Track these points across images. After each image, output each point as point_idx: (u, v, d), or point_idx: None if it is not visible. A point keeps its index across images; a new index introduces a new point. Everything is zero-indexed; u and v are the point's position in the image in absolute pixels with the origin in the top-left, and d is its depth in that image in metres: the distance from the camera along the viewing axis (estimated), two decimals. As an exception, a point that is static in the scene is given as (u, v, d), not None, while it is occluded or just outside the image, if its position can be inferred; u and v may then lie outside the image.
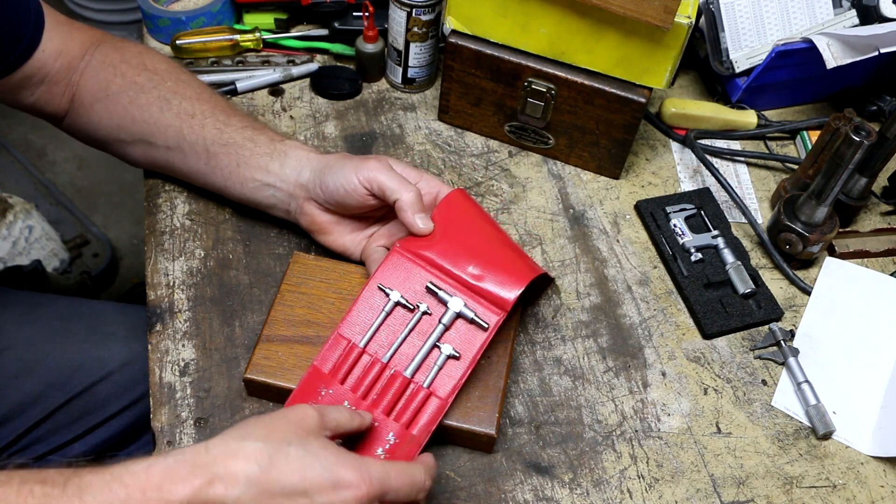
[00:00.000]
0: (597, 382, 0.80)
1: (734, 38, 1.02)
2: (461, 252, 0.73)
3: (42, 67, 0.79)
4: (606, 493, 0.73)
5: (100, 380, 0.93)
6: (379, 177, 0.73)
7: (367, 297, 0.73)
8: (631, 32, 0.83)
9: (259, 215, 0.84)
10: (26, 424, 0.90)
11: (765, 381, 0.82)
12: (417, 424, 0.69)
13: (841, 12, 1.03)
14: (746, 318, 0.85)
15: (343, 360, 0.71)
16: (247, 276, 0.83)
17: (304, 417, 0.58)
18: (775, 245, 0.90)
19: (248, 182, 0.79)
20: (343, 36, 1.05)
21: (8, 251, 1.67)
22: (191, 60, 1.02)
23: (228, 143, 0.79)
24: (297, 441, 0.56)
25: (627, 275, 0.89)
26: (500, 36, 0.89)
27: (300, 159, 0.78)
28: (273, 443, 0.56)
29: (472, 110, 0.97)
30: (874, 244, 0.94)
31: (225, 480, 0.53)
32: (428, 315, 0.73)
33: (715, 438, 0.78)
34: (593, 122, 0.92)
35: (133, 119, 0.81)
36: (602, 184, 0.97)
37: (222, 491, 0.53)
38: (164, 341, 0.77)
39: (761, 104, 1.06)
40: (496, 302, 0.72)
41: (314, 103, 1.00)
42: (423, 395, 0.70)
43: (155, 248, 0.84)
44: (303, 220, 0.80)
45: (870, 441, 0.79)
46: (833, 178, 0.83)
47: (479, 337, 0.72)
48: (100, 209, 2.01)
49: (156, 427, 0.72)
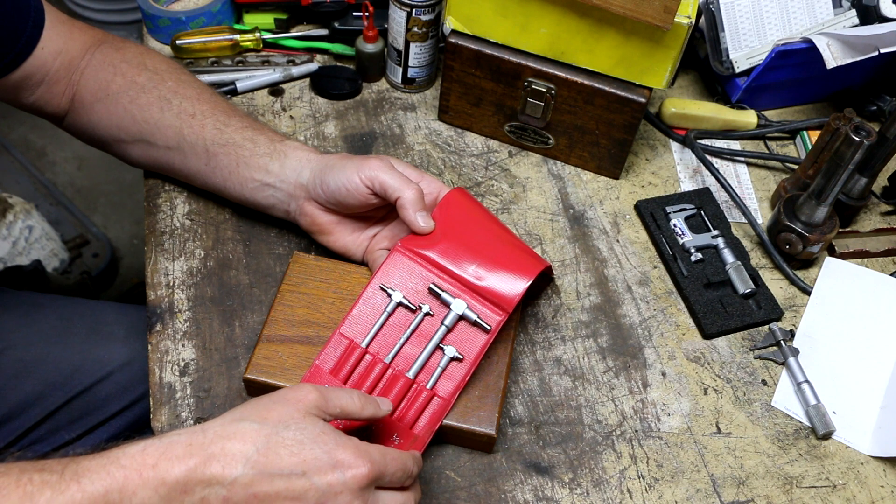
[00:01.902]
0: (597, 382, 0.80)
1: (734, 38, 1.02)
2: (462, 251, 0.73)
3: (42, 66, 0.79)
4: (606, 493, 0.73)
5: (100, 380, 0.93)
6: (381, 175, 0.73)
7: (369, 297, 0.74)
8: (631, 32, 0.83)
9: (259, 215, 0.84)
10: (26, 424, 0.90)
11: (765, 381, 0.82)
12: (420, 424, 0.69)
13: (841, 12, 1.03)
14: (746, 318, 0.85)
15: (345, 359, 0.71)
16: (247, 276, 0.83)
17: (302, 398, 0.57)
18: (775, 245, 0.90)
19: (247, 182, 0.79)
20: (343, 36, 1.05)
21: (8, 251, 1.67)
22: (191, 60, 1.02)
23: (228, 143, 0.79)
24: (295, 424, 0.56)
25: (627, 275, 0.89)
26: (500, 36, 0.89)
27: (300, 160, 0.78)
28: (270, 424, 0.55)
29: (472, 110, 0.97)
30: (874, 244, 0.94)
31: (222, 460, 0.53)
32: (430, 316, 0.73)
33: (715, 438, 0.78)
34: (593, 122, 0.92)
35: (133, 119, 0.81)
36: (602, 184, 0.97)
37: (219, 470, 0.53)
38: (164, 341, 0.77)
39: (761, 104, 1.06)
40: (498, 302, 0.72)
41: (314, 103, 1.00)
42: (425, 396, 0.70)
43: (155, 248, 0.84)
44: (303, 221, 0.80)
45: (870, 441, 0.79)
46: (833, 178, 0.83)
47: (481, 338, 0.72)
48: (100, 209, 2.01)
49: (156, 427, 0.72)
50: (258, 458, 0.54)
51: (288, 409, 0.57)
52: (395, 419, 0.69)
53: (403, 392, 0.70)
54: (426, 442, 0.68)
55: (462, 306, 0.72)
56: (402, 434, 0.68)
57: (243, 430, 0.55)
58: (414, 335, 0.72)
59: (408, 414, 0.69)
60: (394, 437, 0.68)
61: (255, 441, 0.54)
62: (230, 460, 0.53)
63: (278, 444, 0.55)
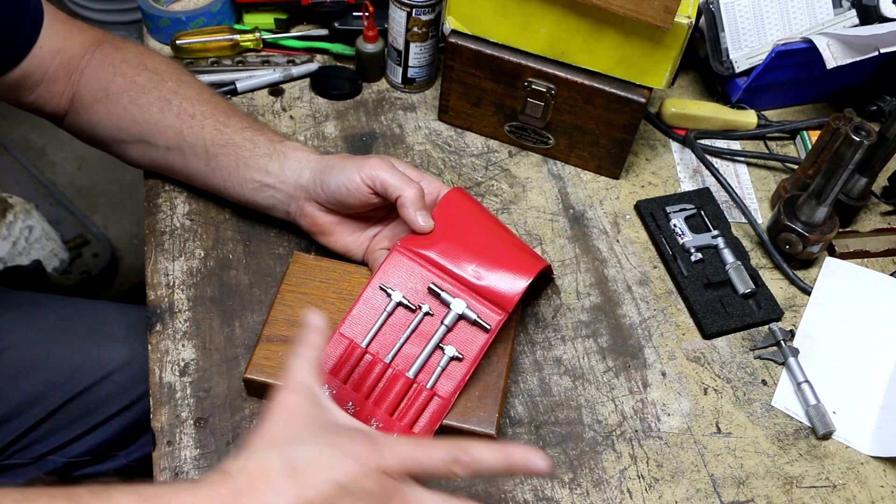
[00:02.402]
0: (597, 382, 0.80)
1: (734, 38, 1.02)
2: (462, 251, 0.73)
3: (41, 65, 0.79)
4: (606, 493, 0.73)
5: (100, 380, 0.93)
6: (381, 174, 0.73)
7: (369, 297, 0.74)
8: (631, 32, 0.83)
9: (259, 215, 0.84)
10: (26, 424, 0.90)
11: (765, 381, 0.82)
12: (420, 424, 0.69)
13: (841, 12, 1.03)
14: (746, 318, 0.85)
15: (345, 359, 0.71)
16: (247, 276, 0.83)
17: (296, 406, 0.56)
18: (775, 245, 0.90)
19: (247, 183, 0.79)
20: (343, 36, 1.05)
21: (8, 251, 1.67)
22: (191, 60, 1.02)
23: (228, 143, 0.79)
24: (309, 437, 0.54)
25: (627, 275, 0.89)
26: (500, 36, 0.89)
27: (300, 160, 0.78)
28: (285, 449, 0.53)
29: (472, 110, 0.97)
30: (874, 244, 0.94)
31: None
32: (430, 316, 0.73)
33: (715, 438, 0.78)
34: (593, 122, 0.92)
35: (133, 119, 0.81)
36: (602, 184, 0.97)
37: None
38: (164, 341, 0.77)
39: (761, 104, 1.06)
40: (498, 301, 0.72)
41: (314, 103, 1.00)
42: (425, 396, 0.70)
43: (155, 248, 0.84)
44: (303, 222, 0.80)
45: (870, 441, 0.79)
46: (833, 178, 0.83)
47: (481, 337, 0.72)
48: (100, 209, 2.01)
49: (156, 427, 0.72)
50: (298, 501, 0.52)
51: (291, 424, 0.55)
52: (395, 419, 0.69)
53: (403, 392, 0.70)
54: None
55: (462, 305, 0.72)
56: (403, 433, 0.68)
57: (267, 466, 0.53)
58: (414, 335, 0.72)
59: (408, 413, 0.69)
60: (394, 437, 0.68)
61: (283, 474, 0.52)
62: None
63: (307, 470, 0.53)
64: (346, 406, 0.69)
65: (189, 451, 0.71)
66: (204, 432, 0.72)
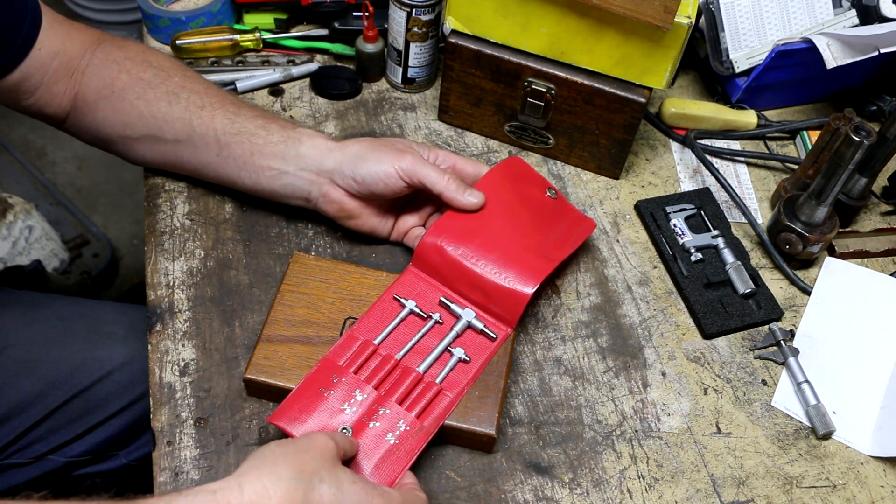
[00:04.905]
0: (597, 382, 0.80)
1: (734, 38, 1.02)
2: (482, 247, 0.78)
3: (40, 67, 0.78)
4: (606, 493, 0.73)
5: (100, 379, 0.93)
6: (419, 171, 0.77)
7: (382, 306, 0.77)
8: (631, 32, 0.83)
9: (259, 215, 0.84)
10: (26, 424, 0.90)
11: (765, 381, 0.82)
12: (429, 416, 0.71)
13: (841, 12, 1.03)
14: (746, 318, 0.85)
15: (357, 355, 0.73)
16: (247, 276, 0.83)
17: (326, 448, 0.59)
18: (775, 245, 0.90)
19: (263, 171, 0.79)
20: (343, 36, 1.05)
21: (8, 251, 1.67)
22: (191, 60, 1.02)
23: (241, 132, 0.79)
24: (328, 475, 0.57)
25: (627, 275, 0.89)
26: (500, 36, 0.89)
27: (317, 147, 0.79)
28: (305, 480, 0.56)
29: (472, 110, 0.97)
30: (874, 244, 0.94)
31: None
32: (440, 324, 0.76)
33: (715, 438, 0.78)
34: (593, 122, 0.92)
35: (140, 115, 0.80)
36: (602, 184, 0.97)
37: None
38: (164, 341, 0.77)
39: (761, 104, 1.06)
40: (504, 317, 0.77)
41: (314, 103, 1.00)
42: (434, 390, 0.72)
43: (155, 248, 0.84)
44: (329, 208, 0.81)
45: (870, 441, 0.79)
46: (833, 178, 0.83)
47: (487, 345, 0.76)
48: (100, 209, 2.01)
49: (156, 427, 0.72)
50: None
51: (316, 459, 0.58)
52: (405, 409, 0.70)
53: (413, 385, 0.72)
54: (431, 433, 0.69)
55: (471, 315, 0.77)
56: (411, 423, 0.69)
57: (281, 489, 0.55)
58: (424, 338, 0.76)
59: (416, 407, 0.71)
60: (400, 424, 0.68)
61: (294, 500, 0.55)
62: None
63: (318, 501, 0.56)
64: (353, 394, 0.70)
65: (189, 451, 0.71)
66: (204, 432, 0.72)
